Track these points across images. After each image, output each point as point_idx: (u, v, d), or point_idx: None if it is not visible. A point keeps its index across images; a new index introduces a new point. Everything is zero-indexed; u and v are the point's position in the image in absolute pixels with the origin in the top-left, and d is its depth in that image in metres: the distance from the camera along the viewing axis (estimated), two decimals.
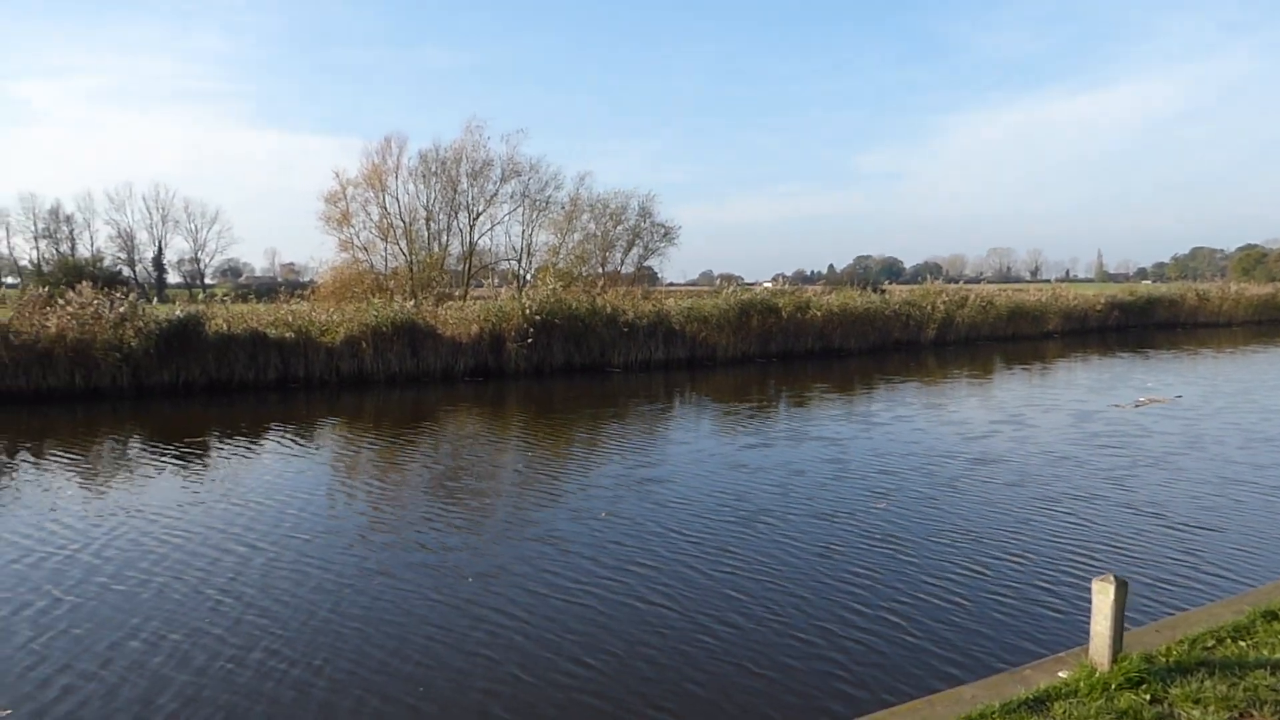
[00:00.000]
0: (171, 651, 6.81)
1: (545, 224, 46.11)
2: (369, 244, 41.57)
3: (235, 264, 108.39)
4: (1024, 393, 23.46)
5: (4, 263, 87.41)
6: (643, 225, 46.85)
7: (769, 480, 12.91)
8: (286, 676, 6.39)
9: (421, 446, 16.20)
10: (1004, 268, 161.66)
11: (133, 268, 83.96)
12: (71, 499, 11.90)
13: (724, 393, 24.00)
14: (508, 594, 8.16)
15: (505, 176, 44.30)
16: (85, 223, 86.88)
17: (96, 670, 6.49)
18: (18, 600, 7.98)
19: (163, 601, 7.94)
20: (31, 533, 10.15)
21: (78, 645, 6.93)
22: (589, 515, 10.95)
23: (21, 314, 22.27)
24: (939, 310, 39.40)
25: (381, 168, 41.77)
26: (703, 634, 7.18)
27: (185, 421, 19.18)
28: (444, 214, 43.51)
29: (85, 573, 8.73)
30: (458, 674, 6.48)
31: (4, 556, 9.26)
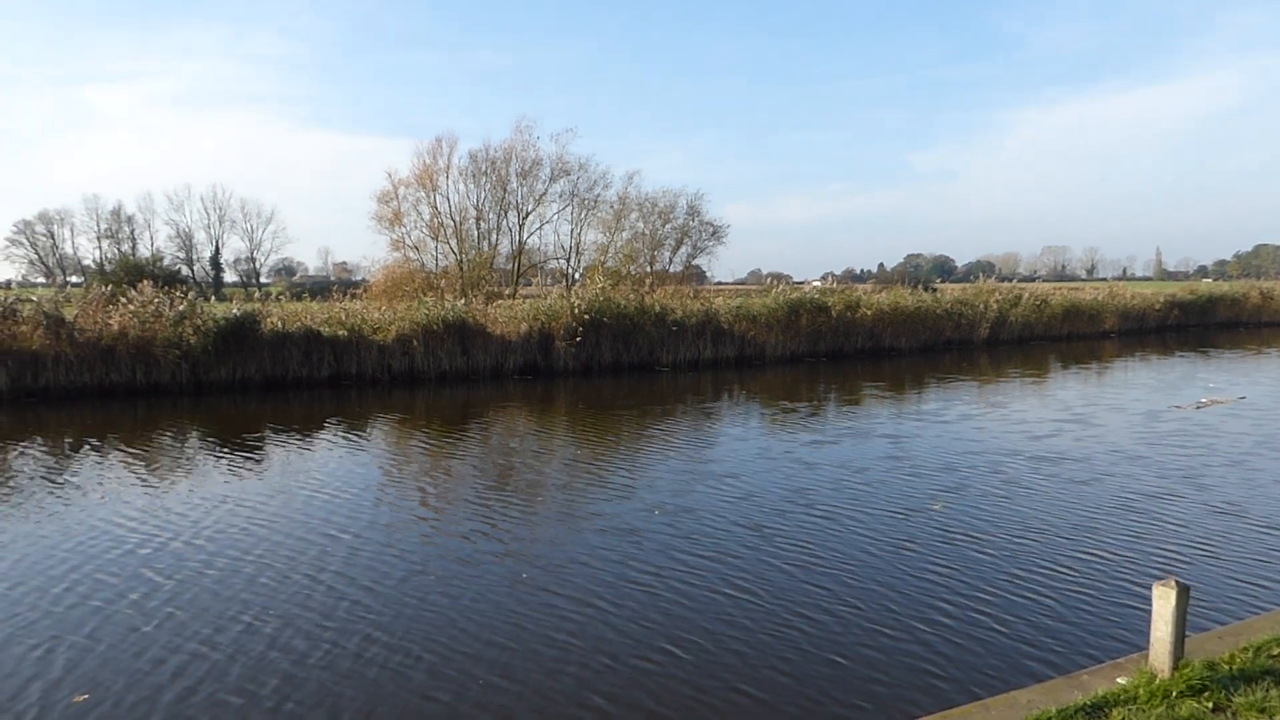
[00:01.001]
0: (272, 636, 7.04)
1: (594, 223, 46.43)
2: (420, 243, 42.18)
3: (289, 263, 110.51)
4: (1084, 392, 23.05)
5: (69, 262, 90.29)
6: (691, 224, 46.88)
7: (831, 476, 12.92)
8: (387, 663, 6.59)
9: (477, 443, 16.43)
10: (1059, 266, 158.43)
11: (191, 267, 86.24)
12: (148, 491, 12.30)
13: (775, 391, 23.89)
14: (586, 585, 8.30)
15: (554, 176, 44.67)
16: (146, 223, 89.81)
17: (204, 652, 6.75)
18: (120, 585, 8.29)
19: (256, 589, 8.19)
20: (121, 523, 10.52)
21: (183, 630, 7.20)
22: (655, 509, 11.05)
23: (86, 312, 22.91)
24: (992, 309, 38.88)
25: (432, 168, 42.30)
26: (784, 626, 7.26)
27: (243, 417, 19.65)
28: (494, 213, 43.95)
29: (177, 560, 9.05)
30: (550, 661, 6.63)
31: (98, 545, 9.60)
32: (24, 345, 21.48)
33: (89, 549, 9.44)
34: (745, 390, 24.31)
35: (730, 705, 5.94)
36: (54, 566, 8.84)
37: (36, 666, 6.49)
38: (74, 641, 6.96)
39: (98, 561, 9.01)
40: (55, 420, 18.65)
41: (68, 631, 7.17)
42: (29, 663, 6.56)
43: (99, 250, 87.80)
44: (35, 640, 6.97)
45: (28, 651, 6.77)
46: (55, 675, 6.35)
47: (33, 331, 21.68)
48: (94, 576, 8.55)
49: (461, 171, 43.56)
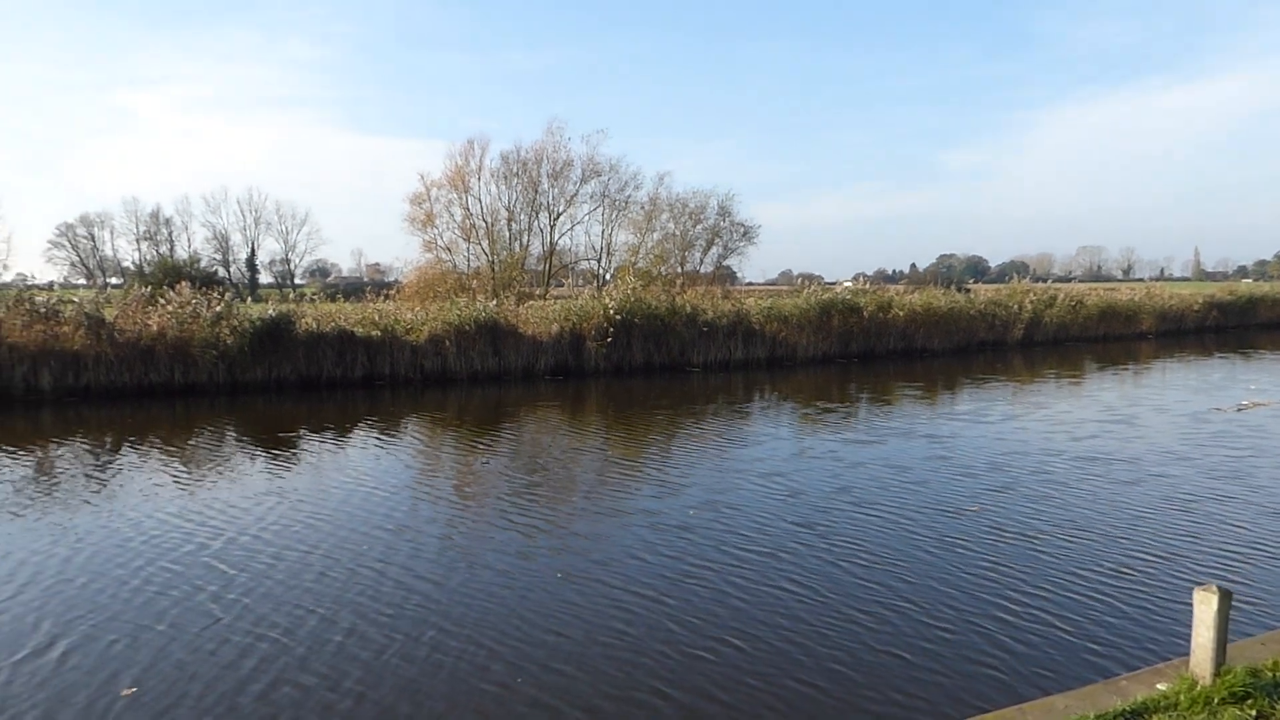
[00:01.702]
0: (350, 629, 7.26)
1: (625, 223, 46.72)
2: (452, 244, 42.65)
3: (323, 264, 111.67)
4: (1125, 393, 22.91)
5: (109, 264, 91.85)
6: (722, 224, 47.01)
7: (876, 475, 13.01)
8: (463, 654, 6.79)
9: (515, 442, 16.63)
10: (1094, 266, 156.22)
11: (227, 268, 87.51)
12: (205, 488, 12.59)
13: (809, 392, 23.89)
14: (644, 578, 8.47)
15: (585, 177, 44.98)
16: (183, 225, 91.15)
17: (285, 642, 7.00)
18: (195, 579, 8.57)
19: (327, 582, 8.44)
20: (185, 518, 10.82)
21: (262, 622, 7.43)
22: (703, 506, 11.16)
23: (125, 313, 23.31)
24: (1026, 310, 38.60)
25: (464, 169, 42.70)
26: (842, 620, 7.39)
27: (280, 417, 19.99)
28: (525, 214, 44.32)
29: (246, 555, 9.31)
30: (619, 650, 6.80)
31: (167, 541, 9.88)
32: (66, 345, 21.90)
33: (160, 543, 9.74)
34: (778, 391, 24.35)
35: (792, 696, 6.10)
36: (130, 560, 9.16)
37: (123, 658, 6.79)
38: (160, 632, 7.24)
39: (172, 555, 9.31)
40: (96, 419, 19.02)
41: (152, 622, 7.44)
42: (116, 654, 6.86)
43: (138, 252, 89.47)
44: (116, 633, 7.27)
45: (113, 643, 7.08)
46: (143, 664, 6.63)
47: (74, 332, 22.10)
48: (169, 569, 8.84)
49: (493, 173, 44.01)
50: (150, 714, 5.83)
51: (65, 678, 6.35)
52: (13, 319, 21.62)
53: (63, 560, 9.11)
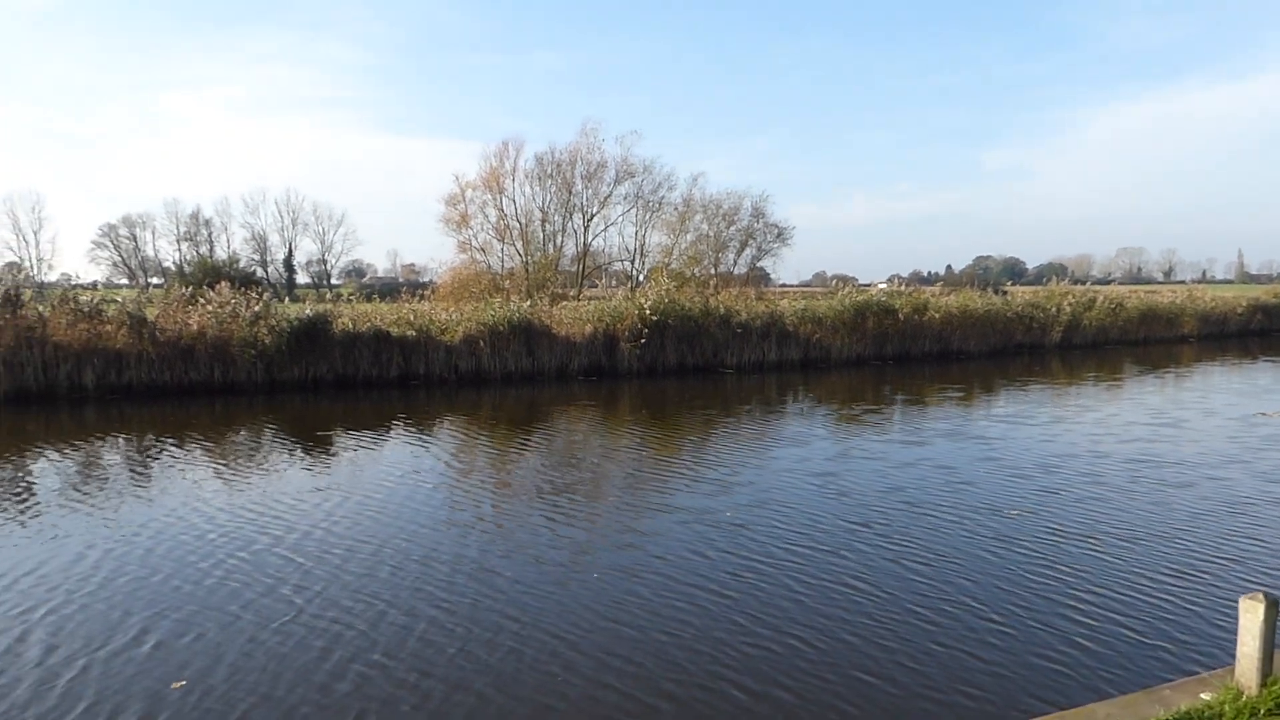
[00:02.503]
0: (431, 620, 7.52)
1: (658, 225, 47.05)
2: (486, 245, 43.20)
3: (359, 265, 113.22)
4: (1172, 397, 22.76)
5: (150, 264, 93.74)
6: (756, 226, 47.20)
7: (927, 476, 13.09)
8: (544, 646, 7.04)
9: (557, 440, 16.82)
10: (1134, 268, 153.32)
11: (265, 268, 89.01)
12: (260, 483, 12.88)
13: (846, 393, 23.94)
14: (706, 573, 8.61)
15: (619, 178, 45.29)
16: (223, 226, 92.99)
17: (371, 634, 7.26)
18: (274, 571, 8.85)
19: (402, 575, 8.69)
20: (253, 515, 11.10)
21: (347, 614, 7.69)
22: (757, 504, 11.29)
23: (167, 312, 23.82)
24: (1064, 312, 38.30)
25: (499, 170, 43.15)
26: (906, 619, 7.51)
27: (318, 415, 20.35)
28: (559, 215, 44.72)
29: (320, 549, 9.59)
30: (687, 642, 6.97)
31: (241, 535, 10.20)
32: (109, 344, 22.41)
33: (235, 537, 10.03)
34: (813, 392, 24.43)
35: (861, 689, 6.26)
36: (210, 552, 9.49)
37: (214, 649, 7.09)
38: (248, 621, 7.54)
39: (250, 549, 9.59)
40: (137, 417, 19.50)
41: (239, 612, 7.75)
42: (207, 645, 7.16)
43: (178, 252, 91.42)
44: (206, 623, 7.58)
45: (201, 635, 7.37)
46: (235, 654, 6.91)
47: (117, 331, 22.61)
48: (248, 562, 9.14)
49: (527, 174, 44.49)
50: (243, 702, 6.08)
51: (159, 668, 6.63)
52: (58, 318, 22.18)
53: (145, 551, 9.44)
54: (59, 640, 7.03)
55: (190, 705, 5.95)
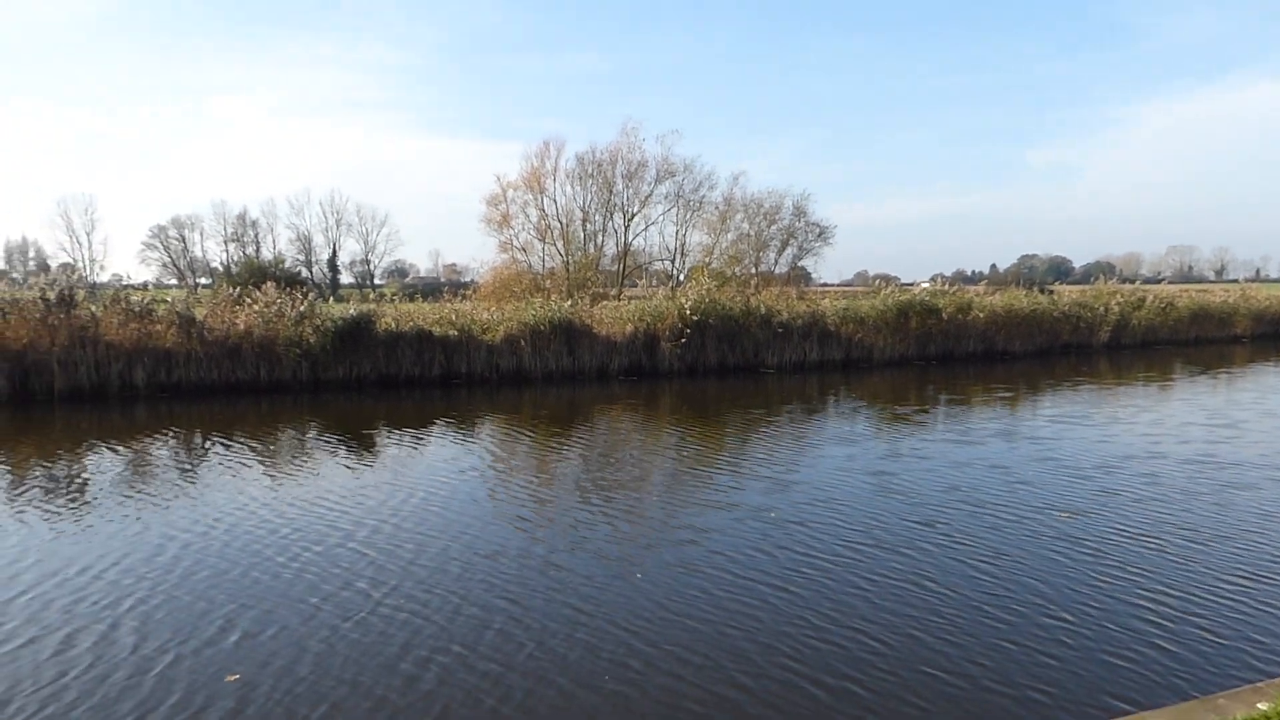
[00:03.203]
0: (508, 614, 7.72)
1: (699, 224, 47.12)
2: (527, 245, 43.53)
3: (402, 265, 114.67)
4: (1226, 398, 22.43)
5: (198, 264, 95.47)
6: (797, 225, 46.98)
7: (985, 476, 13.08)
8: (620, 640, 7.20)
9: (604, 439, 16.94)
10: (1184, 266, 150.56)
11: (309, 268, 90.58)
12: (320, 478, 13.12)
13: (889, 394, 23.88)
14: (773, 569, 8.68)
15: (660, 177, 45.40)
16: (268, 227, 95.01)
17: (449, 627, 7.49)
18: (347, 565, 9.10)
19: (474, 570, 8.91)
20: (323, 510, 11.36)
21: (424, 608, 7.91)
22: (814, 502, 11.32)
23: (214, 312, 24.30)
24: (1113, 312, 37.87)
25: (540, 170, 43.43)
26: (980, 618, 7.54)
27: (363, 414, 20.58)
28: (600, 215, 44.95)
29: (391, 543, 9.82)
30: (761, 638, 7.07)
31: (312, 530, 10.46)
32: (159, 343, 22.89)
33: (307, 531, 10.30)
34: (857, 392, 24.38)
35: (935, 685, 6.32)
36: (284, 546, 9.74)
37: (299, 641, 7.33)
38: (329, 613, 7.78)
39: (322, 543, 9.85)
40: (187, 415, 19.91)
41: (319, 603, 8.00)
42: (293, 637, 7.41)
43: (225, 253, 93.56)
44: (289, 615, 7.84)
45: (284, 628, 7.63)
46: (319, 646, 7.15)
47: (166, 330, 23.09)
48: (322, 556, 9.39)
49: (568, 174, 44.74)
50: (333, 692, 6.32)
51: (248, 658, 6.87)
52: (110, 318, 22.70)
53: (221, 545, 9.73)
54: (148, 630, 7.30)
55: (280, 693, 6.17)
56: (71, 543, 9.78)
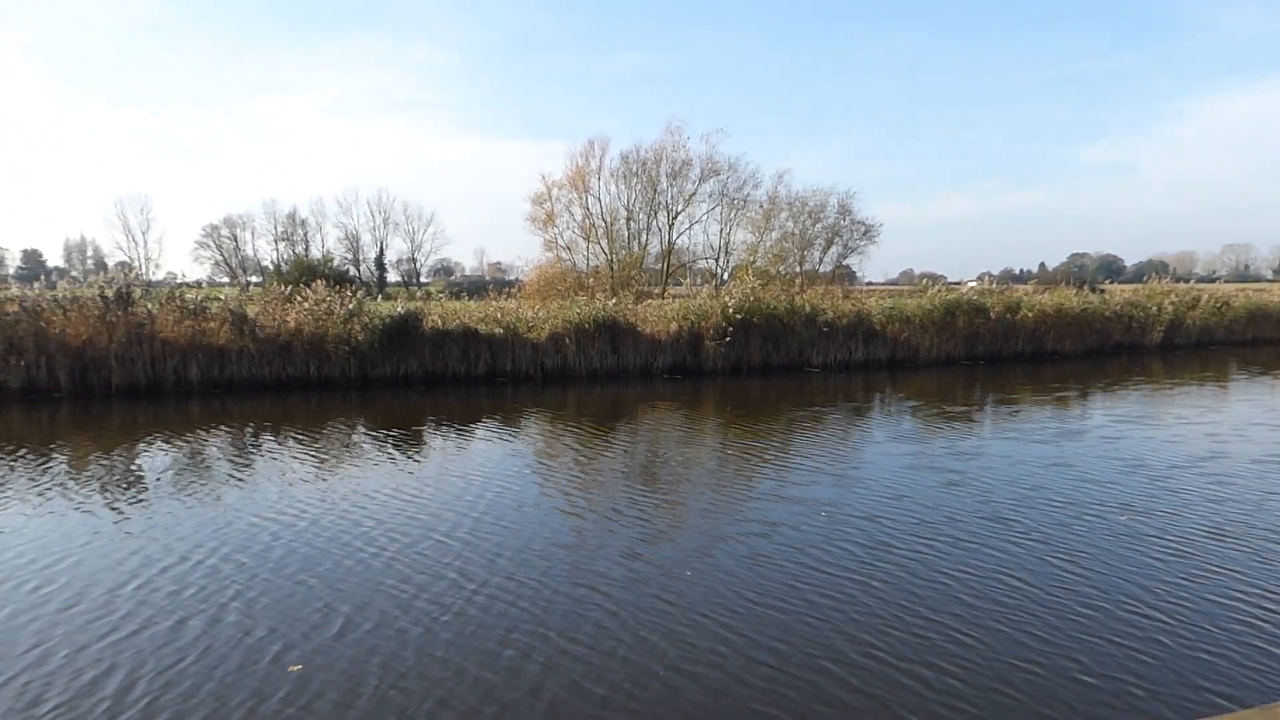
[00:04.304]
0: (598, 608, 7.93)
1: (743, 222, 47.39)
2: (572, 243, 44.11)
3: (447, 263, 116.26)
4: None
5: (249, 263, 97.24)
6: (842, 223, 47.02)
7: (1054, 476, 12.99)
8: (715, 634, 7.37)
9: (659, 436, 17.05)
10: (1240, 265, 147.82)
11: (357, 267, 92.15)
12: (388, 472, 13.40)
13: (938, 394, 23.78)
14: (852, 564, 8.78)
15: (704, 176, 45.73)
16: (317, 226, 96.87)
17: (542, 618, 7.72)
18: (437, 556, 9.36)
19: (557, 563, 9.13)
20: (400, 503, 11.64)
21: (518, 599, 8.20)
22: (884, 498, 11.37)
23: (266, 310, 24.77)
24: (1166, 311, 37.43)
25: (585, 169, 43.91)
26: (1067, 614, 7.61)
27: (413, 411, 20.86)
28: (644, 213, 45.30)
29: (472, 535, 10.09)
30: (862, 634, 7.21)
31: (394, 521, 10.72)
32: (212, 341, 23.40)
33: (391, 522, 10.57)
34: (905, 392, 24.36)
35: (1030, 683, 6.39)
36: (373, 538, 10.02)
37: (403, 634, 7.60)
38: (428, 603, 8.05)
39: (409, 535, 10.11)
40: (240, 410, 20.36)
41: (415, 594, 8.26)
42: (396, 628, 7.67)
43: (276, 252, 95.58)
44: (387, 606, 8.12)
45: (385, 619, 7.89)
46: (419, 638, 7.42)
47: (219, 328, 23.57)
48: (410, 548, 9.64)
49: (613, 173, 45.28)
50: (440, 686, 6.57)
51: (353, 648, 7.15)
52: (165, 316, 23.26)
53: (311, 535, 10.04)
54: (254, 617, 7.59)
55: (388, 683, 6.44)
56: (165, 531, 10.13)
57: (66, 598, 7.99)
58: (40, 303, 22.73)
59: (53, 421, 18.49)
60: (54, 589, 8.21)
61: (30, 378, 21.66)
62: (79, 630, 7.25)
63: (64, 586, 8.28)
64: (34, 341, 21.79)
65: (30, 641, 7.01)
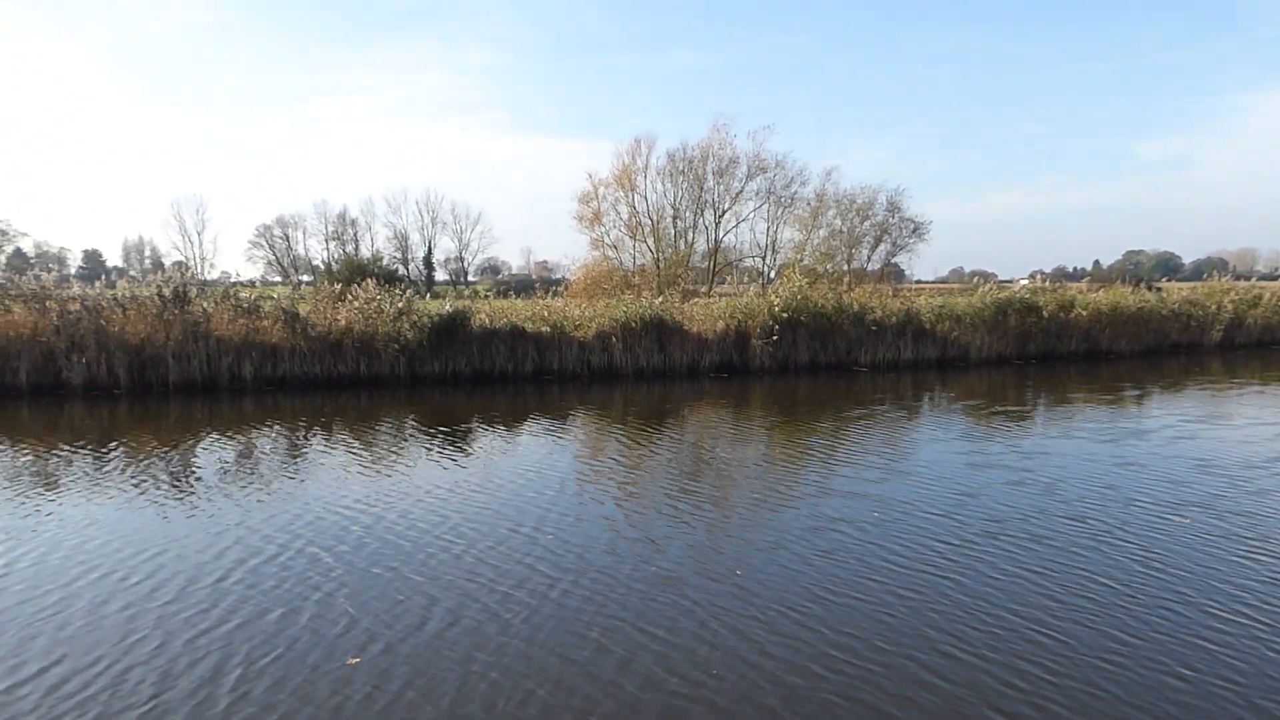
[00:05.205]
0: (682, 603, 7.96)
1: (790, 220, 47.08)
2: (618, 242, 44.23)
3: (495, 262, 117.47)
4: None
5: (300, 262, 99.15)
6: (891, 220, 46.43)
7: (1119, 473, 12.74)
8: (787, 629, 7.34)
9: (714, 433, 16.87)
10: None
11: (406, 266, 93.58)
12: (442, 467, 13.50)
13: (993, 392, 23.29)
14: (929, 560, 8.66)
15: (751, 173, 45.54)
16: (367, 225, 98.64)
17: (622, 610, 7.78)
18: (526, 554, 9.45)
19: (627, 553, 9.16)
20: (454, 496, 11.74)
21: (600, 594, 8.26)
22: (954, 495, 11.20)
23: (317, 309, 25.16)
24: (1225, 310, 36.43)
25: (631, 168, 43.96)
26: (1166, 615, 7.48)
27: (462, 408, 20.95)
28: (690, 212, 45.28)
29: (559, 531, 10.14)
30: (951, 627, 7.13)
31: (478, 519, 10.81)
32: (265, 339, 23.84)
33: (472, 518, 10.64)
34: (957, 391, 23.94)
35: (1154, 690, 6.28)
36: (451, 531, 10.12)
37: (480, 628, 7.68)
38: (520, 601, 8.11)
39: (495, 533, 10.20)
40: (291, 407, 20.70)
41: (512, 590, 8.34)
42: (472, 626, 7.76)
43: (326, 251, 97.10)
44: (470, 605, 8.20)
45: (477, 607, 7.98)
46: (523, 633, 7.49)
47: (272, 326, 24.02)
48: (501, 543, 9.74)
49: (659, 171, 45.31)
50: (546, 674, 6.68)
51: (463, 639, 7.25)
52: (220, 314, 23.77)
53: (400, 529, 10.12)
54: (364, 608, 7.68)
55: (497, 670, 6.54)
56: (260, 523, 10.28)
57: (152, 586, 8.15)
58: (101, 302, 23.43)
59: (113, 417, 18.95)
60: (140, 578, 8.36)
61: (91, 374, 22.26)
62: (169, 618, 7.38)
63: (149, 576, 8.44)
64: (95, 339, 22.40)
65: (122, 629, 7.15)
